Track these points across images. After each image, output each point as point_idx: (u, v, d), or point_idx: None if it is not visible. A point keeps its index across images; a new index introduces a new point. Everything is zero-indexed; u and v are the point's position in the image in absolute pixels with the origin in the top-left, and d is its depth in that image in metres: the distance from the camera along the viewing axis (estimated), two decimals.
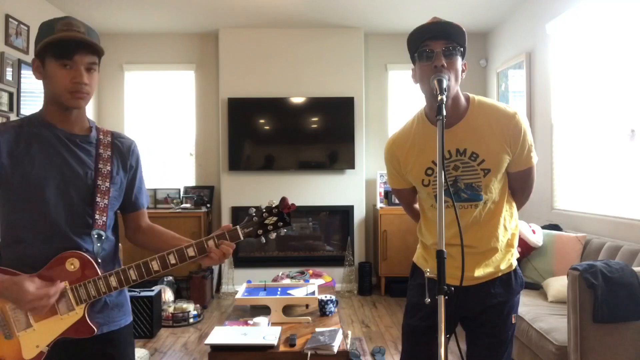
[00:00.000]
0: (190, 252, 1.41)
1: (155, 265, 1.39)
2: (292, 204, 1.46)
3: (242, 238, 1.43)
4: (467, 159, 1.59)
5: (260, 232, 1.45)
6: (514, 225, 1.70)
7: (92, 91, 1.40)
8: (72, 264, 1.36)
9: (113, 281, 1.37)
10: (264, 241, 1.48)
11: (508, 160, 1.60)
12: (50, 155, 1.39)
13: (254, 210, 1.46)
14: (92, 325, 1.37)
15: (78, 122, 1.45)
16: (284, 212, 1.45)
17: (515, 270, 1.70)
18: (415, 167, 1.66)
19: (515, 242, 1.71)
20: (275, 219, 1.45)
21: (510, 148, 1.58)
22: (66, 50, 1.33)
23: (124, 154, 1.52)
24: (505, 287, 1.66)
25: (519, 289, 1.70)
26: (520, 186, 1.70)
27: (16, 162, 1.36)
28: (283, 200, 1.46)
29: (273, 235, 1.47)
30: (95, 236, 1.42)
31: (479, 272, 1.63)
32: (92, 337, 1.38)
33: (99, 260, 1.41)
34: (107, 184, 1.45)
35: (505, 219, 1.67)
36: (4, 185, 1.36)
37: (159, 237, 1.56)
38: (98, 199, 1.42)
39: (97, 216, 1.42)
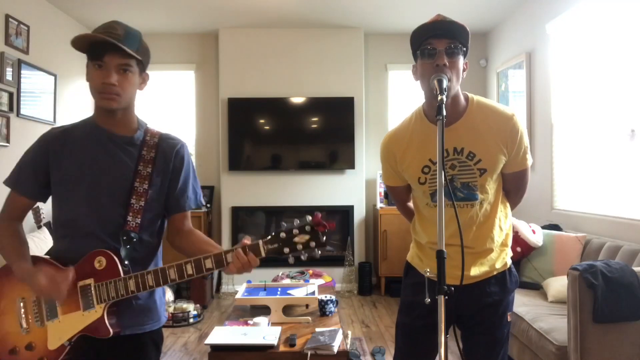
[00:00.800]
0: (208, 264, 1.34)
1: (172, 274, 1.36)
2: (330, 223, 1.28)
3: (263, 255, 1.32)
4: (465, 158, 1.59)
5: (287, 250, 1.30)
6: (508, 226, 1.71)
7: (125, 93, 1.41)
8: (100, 262, 1.39)
9: (132, 284, 1.37)
10: (292, 262, 1.31)
11: (504, 160, 1.61)
12: (87, 156, 1.44)
13: (284, 225, 1.31)
14: (108, 327, 1.37)
15: (123, 123, 1.48)
16: (319, 230, 1.27)
17: (509, 268, 1.71)
18: (412, 164, 1.66)
19: (509, 242, 1.72)
20: (307, 237, 1.28)
21: (507, 149, 1.59)
22: (97, 51, 1.37)
23: (167, 155, 1.51)
24: (500, 285, 1.67)
25: (514, 287, 1.72)
26: (514, 187, 1.71)
27: (59, 164, 1.44)
28: (315, 216, 1.28)
29: (305, 257, 1.30)
30: (124, 237, 1.42)
31: (475, 271, 1.64)
32: (116, 337, 1.40)
33: (126, 262, 1.41)
34: (145, 186, 1.45)
35: (500, 219, 1.68)
36: (53, 186, 1.47)
37: (194, 243, 1.51)
38: (133, 201, 1.44)
39: (129, 218, 1.43)
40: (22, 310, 1.42)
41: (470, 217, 1.62)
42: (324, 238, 1.27)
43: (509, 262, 1.71)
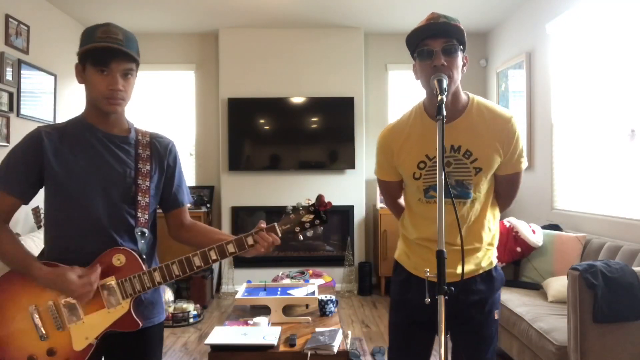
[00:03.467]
0: (230, 248, 1.46)
1: (197, 261, 1.45)
2: (329, 202, 1.50)
3: (279, 234, 1.48)
4: (461, 156, 1.61)
5: (297, 229, 1.50)
6: (495, 227, 1.74)
7: (128, 96, 1.47)
8: (119, 259, 1.43)
9: (157, 276, 1.43)
10: (301, 238, 1.51)
11: (499, 161, 1.62)
12: (92, 156, 1.46)
13: (291, 208, 1.50)
14: (137, 319, 1.43)
15: (117, 123, 1.52)
16: (320, 209, 1.49)
17: (495, 267, 1.73)
18: (408, 159, 1.66)
19: (496, 242, 1.74)
20: (312, 216, 1.50)
21: (502, 150, 1.61)
22: (103, 57, 1.39)
23: (161, 153, 1.58)
24: (487, 283, 1.69)
25: (500, 285, 1.74)
26: (505, 190, 1.72)
27: (61, 162, 1.43)
28: (319, 198, 1.50)
29: (310, 233, 1.51)
30: (139, 233, 1.48)
31: (460, 269, 1.64)
32: (128, 332, 1.44)
33: (144, 257, 1.47)
34: (147, 183, 1.51)
35: (489, 220, 1.70)
36: (50, 184, 1.44)
37: (203, 233, 1.62)
38: (140, 198, 1.49)
39: (139, 214, 1.48)
40: (37, 317, 1.40)
41: (461, 215, 1.63)
42: (326, 216, 1.50)
43: (495, 261, 1.73)
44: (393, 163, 1.71)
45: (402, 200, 1.87)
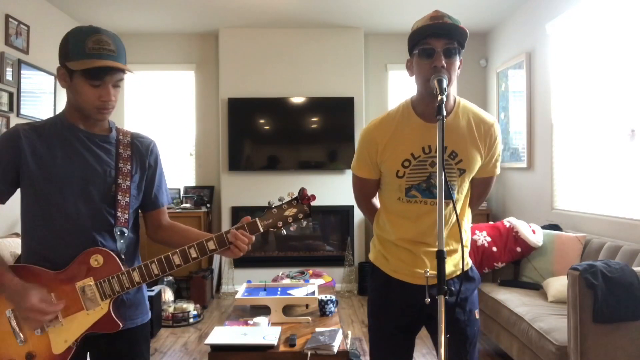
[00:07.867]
0: (211, 245, 1.43)
1: (176, 259, 1.42)
2: (312, 195, 1.47)
3: (261, 230, 1.45)
4: (447, 157, 1.61)
5: (280, 224, 1.46)
6: (469, 228, 1.77)
7: (116, 104, 1.45)
8: (97, 260, 1.40)
9: (136, 276, 1.40)
10: (284, 233, 1.48)
11: (479, 164, 1.65)
12: (70, 155, 1.43)
13: (274, 203, 1.47)
14: (117, 320, 1.40)
15: (99, 123, 1.49)
16: (304, 203, 1.46)
17: (471, 267, 1.75)
18: (392, 156, 1.65)
19: (469, 243, 1.78)
20: (295, 210, 1.46)
21: (484, 153, 1.64)
22: (97, 73, 1.36)
23: (142, 153, 1.56)
24: (465, 283, 1.70)
25: (477, 284, 1.76)
26: (478, 192, 1.75)
27: (39, 162, 1.40)
28: (302, 191, 1.46)
29: (294, 227, 1.48)
30: (118, 233, 1.46)
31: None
32: (111, 333, 1.41)
33: (123, 257, 1.44)
34: (128, 183, 1.49)
35: (465, 222, 1.72)
36: (27, 184, 1.41)
37: (181, 233, 1.59)
38: (120, 197, 1.46)
39: (119, 214, 1.46)
40: (14, 321, 1.37)
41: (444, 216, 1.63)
42: (309, 210, 1.47)
43: (470, 261, 1.76)
44: (376, 159, 1.69)
45: (375, 200, 1.85)
